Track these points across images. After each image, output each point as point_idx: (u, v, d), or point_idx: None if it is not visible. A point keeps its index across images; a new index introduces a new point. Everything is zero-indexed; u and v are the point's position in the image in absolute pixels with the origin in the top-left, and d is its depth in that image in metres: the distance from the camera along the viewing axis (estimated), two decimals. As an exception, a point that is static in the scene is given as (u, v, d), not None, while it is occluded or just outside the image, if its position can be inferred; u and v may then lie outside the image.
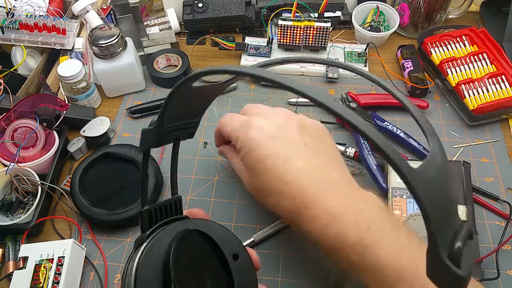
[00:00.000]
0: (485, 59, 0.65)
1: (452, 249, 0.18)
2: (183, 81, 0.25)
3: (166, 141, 0.31)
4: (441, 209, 0.18)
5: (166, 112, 0.28)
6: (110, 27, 0.63)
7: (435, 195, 0.18)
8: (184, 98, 0.28)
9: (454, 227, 0.18)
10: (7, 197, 0.55)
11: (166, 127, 0.29)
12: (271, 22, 0.74)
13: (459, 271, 0.17)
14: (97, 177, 0.56)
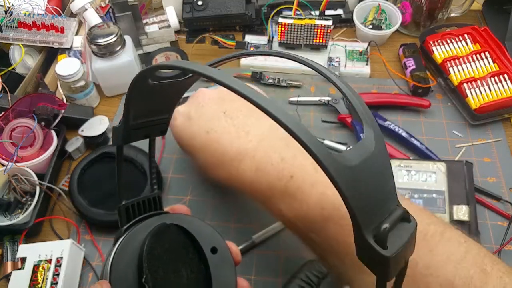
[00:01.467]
0: (487, 57, 0.64)
1: (378, 231, 0.18)
2: (136, 78, 0.26)
3: (134, 138, 0.31)
4: (365, 194, 0.18)
5: (129, 109, 0.28)
6: (108, 25, 0.62)
7: (357, 181, 0.18)
8: (146, 95, 0.28)
9: (383, 211, 0.19)
10: (5, 197, 0.55)
11: (133, 124, 0.29)
12: (272, 20, 0.74)
13: (383, 251, 0.18)
14: (96, 177, 0.55)
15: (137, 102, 0.28)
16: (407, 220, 0.20)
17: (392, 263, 0.18)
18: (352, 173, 0.18)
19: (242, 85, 0.19)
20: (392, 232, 0.18)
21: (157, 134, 0.32)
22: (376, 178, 0.19)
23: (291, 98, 0.66)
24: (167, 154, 0.61)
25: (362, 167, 0.18)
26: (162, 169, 0.58)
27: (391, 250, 0.18)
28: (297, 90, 0.68)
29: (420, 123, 0.62)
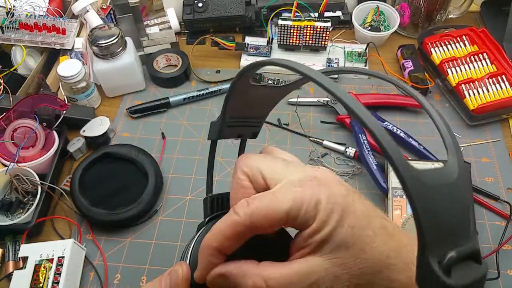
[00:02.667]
0: (485, 59, 0.65)
1: (443, 258, 0.17)
2: (242, 71, 0.26)
3: (228, 135, 0.31)
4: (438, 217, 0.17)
5: (227, 105, 0.28)
6: (110, 27, 0.63)
7: (432, 201, 0.17)
8: (244, 94, 0.28)
9: (453, 241, 0.17)
10: (7, 197, 0.55)
11: (228, 121, 0.30)
12: (271, 22, 0.74)
13: (446, 278, 0.16)
14: (97, 177, 0.56)
15: (235, 99, 0.28)
16: (478, 261, 0.18)
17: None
18: (429, 191, 0.17)
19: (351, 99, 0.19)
20: (458, 266, 0.17)
21: (248, 136, 0.33)
22: (453, 206, 0.18)
23: (291, 99, 0.66)
24: (167, 154, 0.61)
25: (440, 189, 0.17)
26: (162, 169, 0.58)
27: (455, 281, 0.16)
28: (297, 91, 0.68)
29: (418, 123, 0.63)
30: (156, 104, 0.66)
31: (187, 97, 0.67)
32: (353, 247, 0.22)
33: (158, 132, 0.63)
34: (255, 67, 0.25)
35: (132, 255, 0.51)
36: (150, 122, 0.65)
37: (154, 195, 0.54)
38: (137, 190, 0.54)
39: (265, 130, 0.63)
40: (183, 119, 0.65)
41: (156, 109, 0.66)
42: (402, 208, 0.51)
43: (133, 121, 0.65)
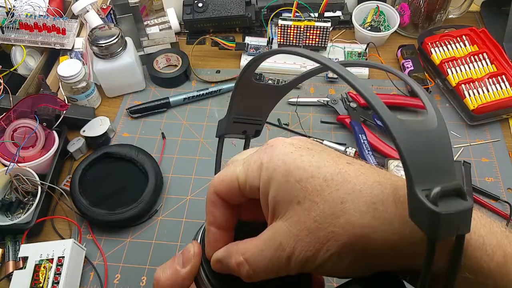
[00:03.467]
0: (485, 59, 0.65)
1: (429, 192, 0.18)
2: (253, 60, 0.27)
3: (234, 131, 0.33)
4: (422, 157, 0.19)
5: (234, 100, 0.31)
6: (110, 27, 0.63)
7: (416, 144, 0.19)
8: (247, 93, 0.31)
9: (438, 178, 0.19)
10: (7, 197, 0.55)
11: (235, 117, 0.32)
12: (271, 22, 0.74)
13: (433, 206, 0.17)
14: (97, 177, 0.56)
15: (242, 94, 0.30)
16: (463, 198, 0.19)
17: (442, 222, 0.18)
18: (412, 135, 0.19)
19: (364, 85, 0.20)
20: (444, 199, 0.18)
21: (252, 132, 0.35)
22: (435, 149, 0.20)
23: (291, 99, 0.66)
24: (167, 154, 0.61)
25: (422, 134, 0.20)
26: (162, 169, 0.58)
27: (441, 209, 0.18)
28: (297, 91, 0.68)
29: (419, 123, 0.63)
30: (156, 104, 0.66)
31: (187, 97, 0.67)
32: (304, 201, 0.22)
33: (158, 132, 0.63)
34: (267, 55, 0.27)
35: (132, 255, 0.51)
36: (150, 122, 0.65)
37: (154, 195, 0.54)
38: (137, 190, 0.54)
39: (265, 130, 0.63)
40: (183, 119, 0.65)
41: (156, 109, 0.66)
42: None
43: (133, 121, 0.65)
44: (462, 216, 0.18)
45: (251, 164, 0.24)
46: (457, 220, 0.18)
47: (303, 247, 0.22)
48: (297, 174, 0.23)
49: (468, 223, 0.19)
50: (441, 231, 0.18)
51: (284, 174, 0.23)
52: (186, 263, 0.27)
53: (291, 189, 0.23)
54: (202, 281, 0.27)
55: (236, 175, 0.25)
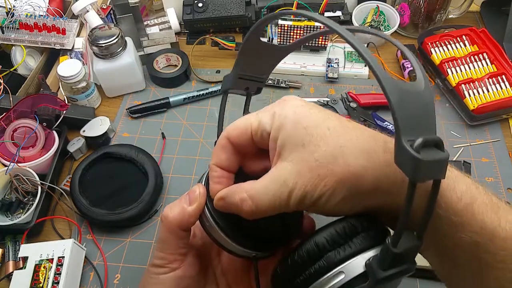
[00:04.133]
0: (485, 59, 0.65)
1: (413, 143, 0.21)
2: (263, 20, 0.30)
3: (238, 86, 0.35)
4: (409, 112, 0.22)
5: (240, 59, 0.33)
6: (110, 27, 0.63)
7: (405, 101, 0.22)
8: (253, 51, 0.32)
9: (421, 131, 0.22)
10: (7, 197, 0.55)
11: (240, 73, 0.34)
12: (271, 22, 0.74)
13: (415, 153, 0.20)
14: (97, 177, 0.56)
15: (247, 54, 0.33)
16: (441, 149, 0.22)
17: (422, 167, 0.20)
18: (401, 92, 0.22)
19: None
20: (425, 149, 0.21)
21: (254, 90, 0.37)
22: (421, 108, 0.23)
23: (291, 99, 0.66)
24: (167, 154, 0.61)
25: (410, 94, 0.23)
26: (162, 169, 0.58)
27: (422, 156, 0.20)
28: (297, 91, 0.68)
29: (419, 123, 0.63)
30: (156, 104, 0.66)
31: (187, 97, 0.67)
32: (308, 144, 0.26)
33: (158, 132, 0.63)
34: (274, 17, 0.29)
35: (132, 255, 0.51)
36: (150, 122, 0.65)
37: (154, 195, 0.54)
38: (137, 190, 0.54)
39: (265, 130, 0.63)
40: (183, 119, 0.65)
41: (156, 109, 0.66)
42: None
43: (133, 121, 0.65)
44: (439, 164, 0.22)
45: (265, 113, 0.28)
46: (435, 167, 0.21)
47: (304, 182, 0.25)
48: (305, 122, 0.26)
49: (443, 170, 0.22)
50: (421, 175, 0.21)
51: (293, 122, 0.26)
52: (193, 202, 0.30)
53: (298, 134, 0.26)
54: (207, 218, 0.30)
55: (250, 122, 0.29)
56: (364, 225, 0.26)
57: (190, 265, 0.32)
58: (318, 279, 0.25)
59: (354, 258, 0.25)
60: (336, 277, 0.24)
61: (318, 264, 0.25)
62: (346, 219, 0.26)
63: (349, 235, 0.25)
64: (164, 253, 0.31)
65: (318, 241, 0.26)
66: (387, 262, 0.23)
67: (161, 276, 0.31)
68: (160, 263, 0.31)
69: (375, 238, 0.25)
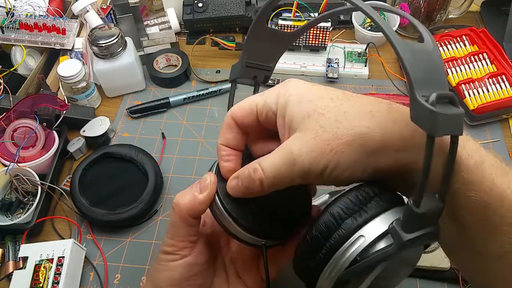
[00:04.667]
0: (485, 59, 0.65)
1: (427, 98, 0.21)
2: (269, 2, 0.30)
3: (246, 75, 0.35)
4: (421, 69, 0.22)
5: (247, 46, 0.33)
6: (110, 27, 0.63)
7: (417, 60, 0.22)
8: (260, 38, 0.33)
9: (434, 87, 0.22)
10: (7, 197, 0.55)
11: (247, 62, 0.34)
12: (271, 22, 0.74)
13: (432, 107, 0.20)
14: (97, 177, 0.56)
15: (254, 41, 0.33)
16: (456, 105, 0.22)
17: (440, 120, 0.20)
18: (413, 51, 0.23)
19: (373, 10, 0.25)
20: (440, 104, 0.21)
21: (261, 78, 0.37)
22: (432, 65, 0.23)
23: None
24: (167, 154, 0.61)
25: (421, 53, 0.23)
26: (162, 169, 0.58)
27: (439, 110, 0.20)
28: (297, 91, 0.68)
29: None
30: (156, 104, 0.66)
31: (187, 97, 0.67)
32: (313, 114, 0.27)
33: (158, 132, 0.63)
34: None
35: (132, 255, 0.51)
36: (150, 122, 0.65)
37: (154, 195, 0.54)
38: (137, 190, 0.54)
39: (265, 130, 0.63)
40: (183, 119, 0.65)
41: (156, 109, 0.66)
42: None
43: (133, 121, 0.65)
44: (456, 119, 0.21)
45: (270, 93, 0.29)
46: (452, 121, 0.21)
47: (309, 148, 0.26)
48: (308, 96, 0.28)
49: (461, 126, 0.22)
50: (439, 129, 0.21)
51: (298, 98, 0.28)
52: (204, 190, 0.30)
53: (303, 107, 0.27)
54: (217, 206, 0.30)
55: (255, 102, 0.30)
56: (376, 190, 0.26)
57: (200, 253, 0.32)
58: (339, 248, 0.25)
59: (372, 221, 0.25)
60: (357, 241, 0.24)
61: (337, 233, 0.25)
62: (358, 187, 0.27)
63: (363, 201, 0.26)
64: (175, 240, 0.31)
65: (333, 211, 0.26)
66: (410, 224, 0.23)
67: (171, 263, 0.31)
68: (170, 250, 0.31)
69: (390, 201, 0.26)
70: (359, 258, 0.24)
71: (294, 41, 0.37)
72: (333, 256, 0.25)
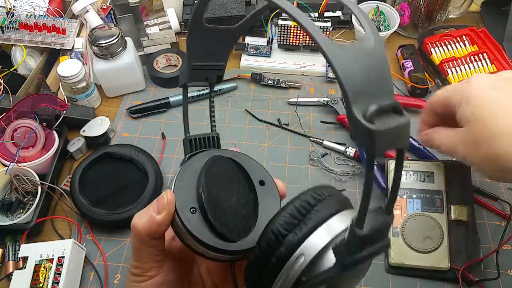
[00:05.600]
0: (485, 59, 0.65)
1: (366, 111, 0.18)
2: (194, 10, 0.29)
3: (196, 78, 0.34)
4: (358, 77, 0.19)
5: (190, 48, 0.31)
6: (110, 27, 0.63)
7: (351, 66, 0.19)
8: (201, 37, 0.31)
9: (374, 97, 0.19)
10: (7, 197, 0.55)
11: (194, 64, 0.33)
12: (271, 22, 0.74)
13: (368, 124, 0.18)
14: (97, 177, 0.56)
15: (195, 41, 0.31)
16: (400, 113, 0.19)
17: (378, 139, 0.18)
18: (349, 57, 0.19)
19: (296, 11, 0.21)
20: (380, 117, 0.19)
21: (214, 78, 0.36)
22: (371, 69, 0.20)
23: (291, 99, 0.66)
24: (167, 154, 0.61)
25: (358, 55, 0.20)
26: (162, 169, 0.58)
27: (377, 127, 0.18)
28: (297, 91, 0.68)
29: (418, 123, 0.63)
30: (156, 104, 0.66)
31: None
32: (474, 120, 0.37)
33: (158, 132, 0.63)
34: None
35: (132, 255, 0.51)
36: (150, 122, 0.65)
37: (154, 195, 0.54)
38: (137, 190, 0.54)
39: (265, 130, 0.63)
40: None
41: (156, 109, 0.66)
42: (402, 208, 0.51)
43: (133, 121, 0.65)
44: (399, 131, 0.19)
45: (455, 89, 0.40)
46: (394, 135, 0.19)
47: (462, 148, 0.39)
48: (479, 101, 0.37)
49: (404, 138, 0.20)
50: (378, 148, 0.18)
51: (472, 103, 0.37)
52: (161, 210, 0.28)
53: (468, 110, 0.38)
54: (178, 226, 0.29)
55: (441, 94, 0.42)
56: (318, 196, 0.25)
57: (169, 270, 0.31)
58: (282, 267, 0.24)
59: (310, 236, 0.23)
60: (298, 260, 0.23)
61: (280, 252, 0.24)
62: (300, 195, 0.26)
63: (302, 212, 0.24)
64: (139, 262, 0.30)
65: (273, 228, 0.25)
66: (354, 245, 0.21)
67: (141, 284, 0.30)
68: (137, 272, 0.30)
69: (333, 206, 0.24)
70: (304, 278, 0.23)
71: (241, 34, 0.35)
72: (277, 276, 0.24)
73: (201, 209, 0.29)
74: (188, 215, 0.28)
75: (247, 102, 0.67)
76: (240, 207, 0.31)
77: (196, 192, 0.30)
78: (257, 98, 0.67)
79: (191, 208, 0.29)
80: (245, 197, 0.32)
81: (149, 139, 0.63)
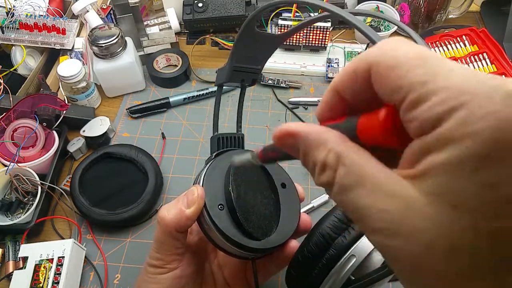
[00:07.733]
0: (485, 59, 0.65)
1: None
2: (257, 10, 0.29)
3: (233, 79, 0.35)
4: None
5: (236, 50, 0.32)
6: (110, 27, 0.63)
7: None
8: (248, 41, 0.32)
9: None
10: (7, 197, 0.55)
11: (235, 65, 0.34)
12: (271, 22, 0.74)
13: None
14: (97, 177, 0.56)
15: (243, 45, 0.32)
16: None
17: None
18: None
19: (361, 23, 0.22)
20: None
21: (249, 81, 0.37)
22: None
23: (291, 99, 0.66)
24: (167, 154, 0.61)
25: None
26: (162, 169, 0.58)
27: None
28: (297, 91, 0.68)
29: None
30: (156, 104, 0.66)
31: (187, 97, 0.67)
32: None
33: (158, 132, 0.63)
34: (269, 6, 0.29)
35: (132, 255, 0.51)
36: (150, 122, 0.65)
37: (154, 195, 0.54)
38: (137, 190, 0.54)
39: (265, 130, 0.63)
40: (183, 119, 0.65)
41: (156, 109, 0.66)
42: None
43: (133, 121, 0.65)
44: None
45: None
46: None
47: None
48: None
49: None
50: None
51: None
52: (191, 204, 0.29)
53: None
54: (205, 220, 0.30)
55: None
56: None
57: (188, 264, 0.32)
58: (332, 267, 0.26)
59: (361, 238, 0.26)
60: (349, 261, 0.26)
61: (329, 253, 0.26)
62: None
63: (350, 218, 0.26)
64: (162, 254, 0.31)
65: (323, 231, 0.27)
66: None
67: (159, 276, 0.31)
68: (158, 264, 0.31)
69: None
70: (353, 278, 0.25)
71: (284, 42, 0.35)
72: (327, 275, 0.26)
73: (229, 207, 0.30)
74: (216, 211, 0.29)
75: (247, 102, 0.67)
76: (263, 207, 0.32)
77: (224, 189, 0.31)
78: (257, 98, 0.67)
79: (219, 204, 0.30)
80: (268, 198, 0.33)
81: (149, 139, 0.63)
